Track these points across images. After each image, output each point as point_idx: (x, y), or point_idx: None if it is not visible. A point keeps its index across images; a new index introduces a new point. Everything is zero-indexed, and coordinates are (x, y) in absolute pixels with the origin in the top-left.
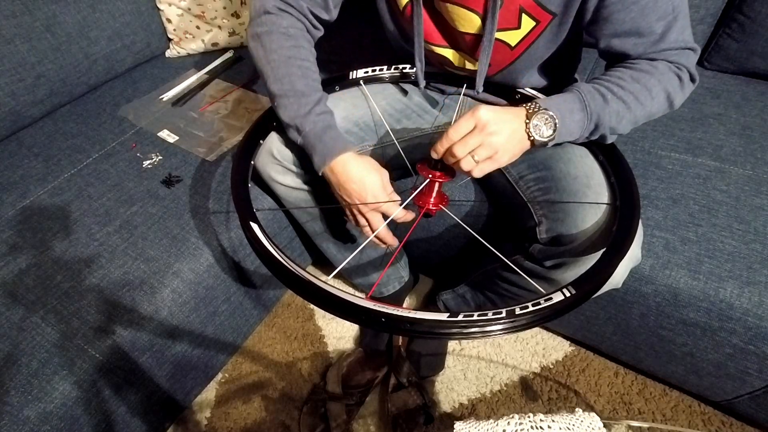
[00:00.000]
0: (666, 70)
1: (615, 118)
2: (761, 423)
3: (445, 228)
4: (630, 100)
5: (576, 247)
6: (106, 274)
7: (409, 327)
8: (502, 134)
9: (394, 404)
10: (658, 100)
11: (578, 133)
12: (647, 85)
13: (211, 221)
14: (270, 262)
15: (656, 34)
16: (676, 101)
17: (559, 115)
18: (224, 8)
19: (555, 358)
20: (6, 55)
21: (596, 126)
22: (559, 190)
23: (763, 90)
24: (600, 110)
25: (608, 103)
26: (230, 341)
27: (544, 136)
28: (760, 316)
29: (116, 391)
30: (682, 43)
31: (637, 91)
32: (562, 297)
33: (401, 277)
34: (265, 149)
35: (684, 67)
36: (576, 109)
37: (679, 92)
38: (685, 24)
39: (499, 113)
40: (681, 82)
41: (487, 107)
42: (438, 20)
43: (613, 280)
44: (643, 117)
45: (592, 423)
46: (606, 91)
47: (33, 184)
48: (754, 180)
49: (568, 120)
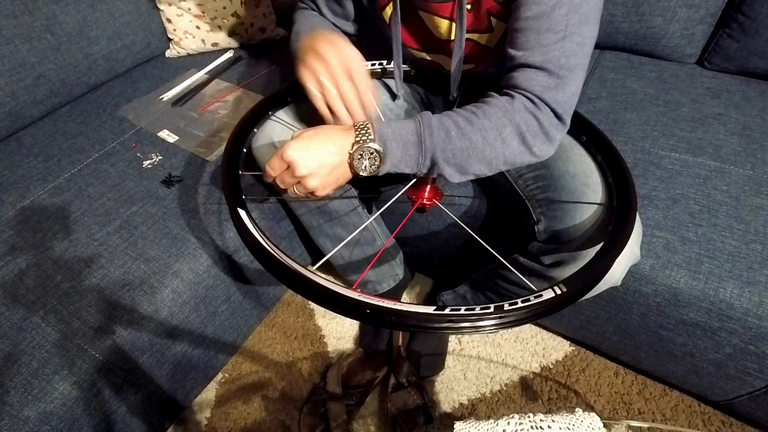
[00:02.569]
0: (521, 108)
1: (460, 156)
2: (761, 423)
3: (444, 226)
4: (477, 140)
5: (574, 245)
6: (106, 274)
7: (394, 320)
8: (316, 177)
9: (394, 404)
10: (510, 144)
11: (414, 166)
12: (498, 123)
13: (210, 221)
14: (256, 250)
15: (541, 45)
16: (535, 147)
17: (387, 150)
18: (224, 8)
19: (555, 358)
20: (6, 55)
21: (433, 162)
22: (557, 188)
23: (763, 90)
24: (441, 147)
25: (451, 140)
26: (230, 341)
27: (366, 171)
28: (760, 316)
29: (116, 391)
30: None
31: (486, 129)
32: (552, 294)
33: (396, 274)
34: (265, 138)
35: (547, 104)
36: (411, 143)
37: (539, 135)
38: (572, 51)
39: (312, 152)
40: (539, 124)
41: (299, 143)
42: (422, 29)
43: (612, 278)
44: (499, 160)
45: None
46: (452, 126)
47: (33, 184)
48: (755, 180)
49: (399, 154)
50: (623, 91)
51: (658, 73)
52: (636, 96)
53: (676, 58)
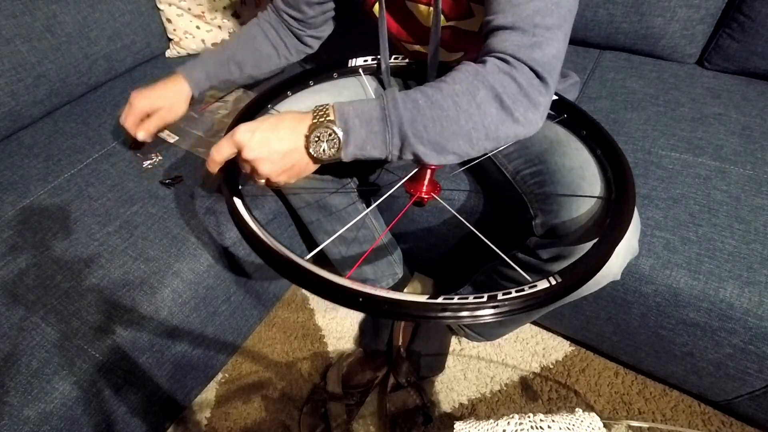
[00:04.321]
0: (494, 69)
1: (433, 130)
2: (761, 423)
3: (442, 223)
4: (449, 107)
5: (571, 239)
6: (106, 274)
7: (387, 308)
8: (266, 162)
9: (393, 404)
10: (487, 110)
11: (382, 147)
12: (469, 87)
13: (210, 221)
14: (251, 239)
15: (512, 5)
16: (517, 112)
17: (348, 128)
18: (224, 8)
19: (555, 358)
20: (6, 55)
21: (403, 139)
22: (554, 183)
23: (763, 90)
24: (408, 119)
25: (420, 110)
26: (230, 341)
27: (326, 155)
28: (760, 316)
29: (116, 391)
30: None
31: (458, 94)
32: (547, 285)
33: (395, 273)
34: None
35: (523, 62)
36: (375, 119)
37: (518, 98)
38: (546, 10)
39: (264, 132)
40: (518, 85)
41: (249, 125)
42: (411, 20)
43: (611, 271)
44: (479, 132)
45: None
46: (420, 96)
47: (33, 184)
48: (755, 180)
49: (364, 133)
50: (623, 90)
51: (658, 73)
52: (636, 96)
53: (676, 58)
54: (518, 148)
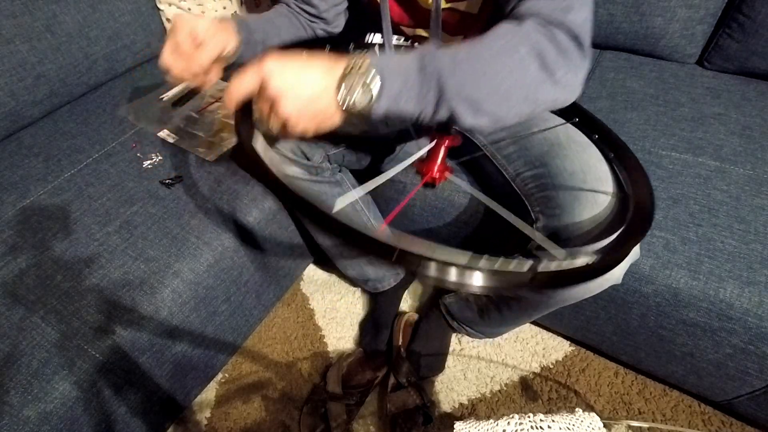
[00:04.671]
0: (533, 29)
1: (472, 84)
2: (761, 423)
3: (443, 224)
4: (489, 58)
5: (572, 242)
6: (106, 274)
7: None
8: (291, 100)
9: (393, 404)
10: (528, 68)
11: (416, 101)
12: (511, 44)
13: (210, 221)
14: (270, 181)
15: None
16: (559, 73)
17: (384, 78)
18: (224, 8)
19: (555, 358)
20: (6, 55)
21: (440, 93)
22: (555, 187)
23: (763, 90)
24: (448, 69)
25: (458, 63)
26: (230, 341)
27: (358, 105)
28: (760, 316)
29: (116, 391)
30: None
31: (499, 49)
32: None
33: (397, 273)
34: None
35: (560, 23)
36: (411, 70)
37: (559, 58)
38: None
39: (296, 68)
40: (557, 45)
41: (280, 59)
42: (412, 3)
43: (613, 275)
44: (518, 91)
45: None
46: (460, 48)
47: (33, 184)
48: (755, 180)
49: (398, 85)
50: (623, 90)
51: (658, 73)
52: (636, 96)
53: (676, 58)
54: (518, 149)
